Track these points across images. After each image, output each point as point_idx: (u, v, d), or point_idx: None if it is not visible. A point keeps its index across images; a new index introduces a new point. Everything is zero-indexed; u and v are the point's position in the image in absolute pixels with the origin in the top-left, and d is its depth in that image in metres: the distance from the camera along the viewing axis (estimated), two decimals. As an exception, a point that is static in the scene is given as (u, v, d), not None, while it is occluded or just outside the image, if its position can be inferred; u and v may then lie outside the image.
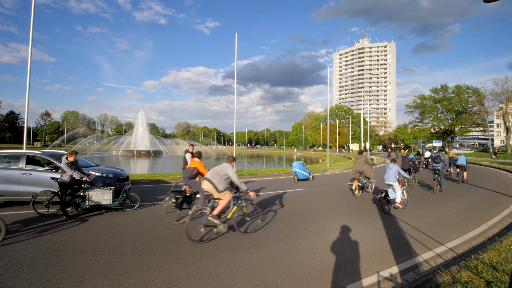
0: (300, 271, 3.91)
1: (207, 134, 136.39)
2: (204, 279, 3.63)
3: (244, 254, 4.47)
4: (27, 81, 10.60)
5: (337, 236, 5.49)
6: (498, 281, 3.44)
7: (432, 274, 3.81)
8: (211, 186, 5.18)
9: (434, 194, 10.58)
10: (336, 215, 7.24)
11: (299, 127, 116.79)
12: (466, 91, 55.67)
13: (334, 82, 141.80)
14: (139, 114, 52.71)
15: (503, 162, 29.96)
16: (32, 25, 10.66)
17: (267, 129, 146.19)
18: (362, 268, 4.07)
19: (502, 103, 49.03)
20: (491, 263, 3.97)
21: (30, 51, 10.64)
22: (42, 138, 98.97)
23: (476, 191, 11.69)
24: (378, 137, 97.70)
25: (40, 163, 7.72)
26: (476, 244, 5.27)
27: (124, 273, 3.73)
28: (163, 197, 8.79)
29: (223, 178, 5.27)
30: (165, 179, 12.73)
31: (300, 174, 14.00)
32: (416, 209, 8.13)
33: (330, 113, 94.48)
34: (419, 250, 4.81)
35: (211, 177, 5.25)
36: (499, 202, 9.22)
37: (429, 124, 65.15)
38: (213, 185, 5.17)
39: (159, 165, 29.01)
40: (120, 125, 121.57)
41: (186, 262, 4.10)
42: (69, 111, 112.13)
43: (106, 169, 8.16)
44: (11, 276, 3.59)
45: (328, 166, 22.52)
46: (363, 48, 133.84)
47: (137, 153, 44.54)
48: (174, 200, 6.18)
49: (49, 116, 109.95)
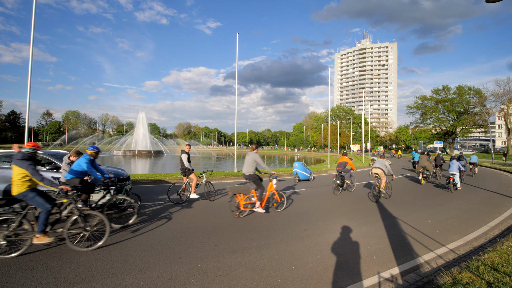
0: (300, 272, 3.90)
1: (208, 135, 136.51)
2: (204, 279, 3.62)
3: (244, 255, 4.46)
4: (28, 81, 10.62)
5: (338, 236, 5.48)
6: (499, 282, 3.42)
7: (433, 275, 3.80)
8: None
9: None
10: (337, 215, 7.23)
11: (300, 127, 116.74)
12: (467, 92, 55.59)
13: (335, 82, 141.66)
14: (140, 114, 52.89)
15: (504, 164, 29.88)
16: (33, 25, 10.70)
17: (268, 130, 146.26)
18: (363, 269, 4.05)
19: (503, 104, 48.96)
20: (492, 265, 3.95)
21: (31, 51, 10.67)
22: (43, 138, 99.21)
23: (477, 192, 11.66)
24: (379, 138, 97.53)
25: (41, 162, 7.73)
26: (477, 245, 5.25)
27: (124, 273, 3.73)
28: (164, 197, 8.82)
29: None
30: (166, 179, 12.74)
31: (301, 174, 13.99)
32: (417, 210, 8.11)
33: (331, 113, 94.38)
34: (420, 251, 4.80)
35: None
36: (500, 204, 9.19)
37: (430, 125, 65.08)
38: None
39: (160, 165, 29.04)
40: (121, 125, 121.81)
41: (186, 262, 4.09)
42: (70, 111, 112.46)
43: (107, 169, 8.17)
44: (11, 276, 3.59)
45: (329, 167, 22.49)
46: (365, 49, 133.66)
47: (138, 153, 44.60)
48: None
49: (50, 116, 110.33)
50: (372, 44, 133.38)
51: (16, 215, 4.29)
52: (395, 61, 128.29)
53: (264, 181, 7.99)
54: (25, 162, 4.30)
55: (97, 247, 4.54)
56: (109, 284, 3.42)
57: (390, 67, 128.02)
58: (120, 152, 46.76)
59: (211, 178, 13.38)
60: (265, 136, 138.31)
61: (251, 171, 7.02)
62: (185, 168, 8.68)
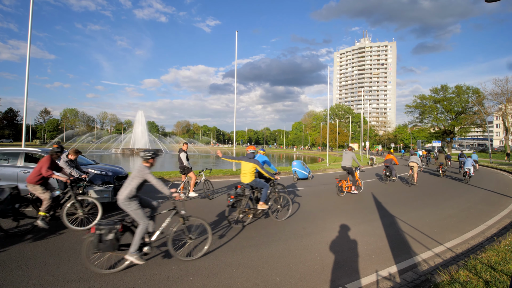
0: (299, 270, 3.91)
1: (207, 133, 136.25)
2: (203, 277, 3.62)
3: (243, 253, 4.47)
4: (26, 78, 10.56)
5: (336, 235, 5.49)
6: (496, 281, 3.44)
7: (430, 274, 3.81)
8: None
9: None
10: (336, 214, 7.24)
11: (299, 126, 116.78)
12: (466, 91, 55.62)
13: (334, 81, 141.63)
14: (139, 112, 52.75)
15: (502, 163, 30.01)
16: (30, 22, 10.62)
17: (267, 128, 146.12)
18: (361, 267, 4.07)
19: (501, 103, 49.10)
20: (490, 263, 3.98)
21: (28, 48, 10.61)
22: (41, 135, 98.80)
23: (475, 191, 11.71)
24: (377, 136, 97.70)
25: (39, 160, 7.69)
26: (474, 244, 5.27)
27: (122, 271, 3.72)
28: (162, 195, 8.80)
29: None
30: (165, 177, 12.72)
31: (300, 173, 14.00)
32: (416, 209, 8.14)
33: (330, 112, 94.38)
34: (418, 250, 4.82)
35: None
36: (498, 203, 9.24)
37: (429, 124, 65.12)
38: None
39: (159, 164, 28.96)
40: (119, 123, 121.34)
41: (185, 261, 4.09)
42: (68, 109, 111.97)
43: (105, 167, 8.15)
44: (9, 274, 3.58)
45: (328, 165, 22.52)
46: (364, 48, 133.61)
47: (136, 151, 44.49)
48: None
49: (48, 114, 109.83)
50: (372, 43, 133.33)
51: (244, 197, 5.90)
52: (394, 60, 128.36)
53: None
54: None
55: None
56: (107, 283, 3.42)
57: (389, 66, 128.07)
58: (119, 150, 46.66)
59: (210, 177, 13.37)
60: (264, 134, 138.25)
61: (349, 165, 9.96)
62: (184, 166, 8.67)
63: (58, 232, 5.21)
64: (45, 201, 5.08)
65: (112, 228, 3.58)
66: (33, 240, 4.79)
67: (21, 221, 5.16)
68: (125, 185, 3.85)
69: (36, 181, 5.10)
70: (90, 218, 5.61)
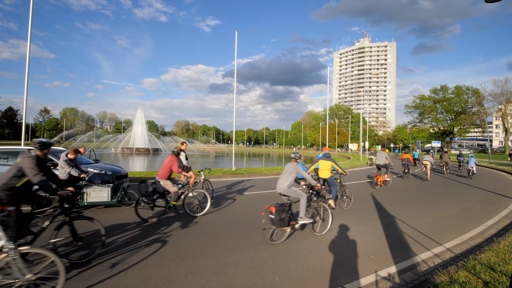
0: (298, 270, 3.91)
1: (206, 133, 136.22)
2: (202, 277, 3.61)
3: (242, 253, 4.46)
4: (26, 77, 10.54)
5: (335, 235, 5.49)
6: (495, 281, 3.44)
7: (430, 274, 3.81)
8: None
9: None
10: (335, 214, 7.23)
11: (298, 126, 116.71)
12: (465, 91, 55.70)
13: (334, 81, 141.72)
14: (138, 112, 52.64)
15: (501, 163, 30.05)
16: (30, 21, 10.60)
17: (267, 128, 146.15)
18: (360, 267, 4.06)
19: (501, 104, 49.13)
20: (489, 264, 3.97)
21: (28, 47, 10.58)
22: (40, 134, 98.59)
23: (475, 191, 11.71)
24: (377, 137, 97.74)
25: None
26: (474, 244, 5.27)
27: (121, 271, 3.71)
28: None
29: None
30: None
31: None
32: (415, 209, 8.14)
33: (329, 112, 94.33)
34: (417, 250, 4.81)
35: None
36: (497, 203, 9.24)
37: (428, 125, 65.21)
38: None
39: (158, 163, 28.92)
40: (119, 123, 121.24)
41: (184, 260, 4.08)
42: (68, 108, 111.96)
43: (104, 166, 8.13)
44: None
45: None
46: (363, 48, 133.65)
47: (135, 151, 44.44)
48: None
49: (48, 113, 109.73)
50: (371, 43, 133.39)
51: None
52: (394, 60, 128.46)
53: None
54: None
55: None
56: (107, 282, 3.41)
57: (389, 66, 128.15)
58: (118, 150, 46.60)
59: (209, 176, 13.35)
60: (264, 134, 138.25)
61: (383, 162, 11.54)
62: (183, 166, 8.65)
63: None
64: (174, 193, 6.29)
65: (285, 208, 4.82)
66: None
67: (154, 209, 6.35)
68: (285, 179, 5.25)
69: (167, 177, 6.38)
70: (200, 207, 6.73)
